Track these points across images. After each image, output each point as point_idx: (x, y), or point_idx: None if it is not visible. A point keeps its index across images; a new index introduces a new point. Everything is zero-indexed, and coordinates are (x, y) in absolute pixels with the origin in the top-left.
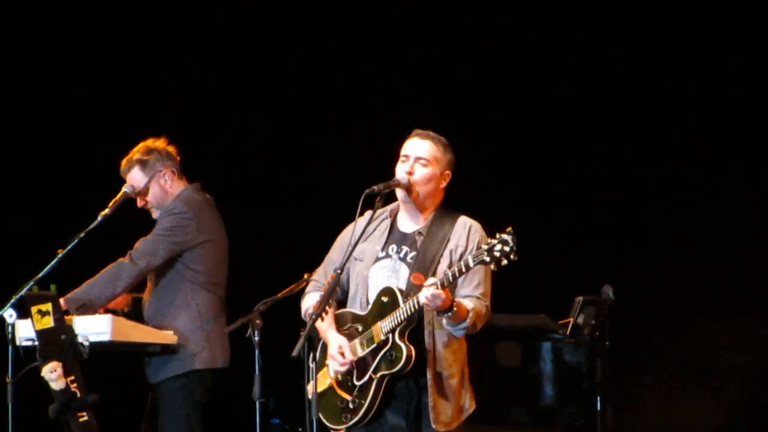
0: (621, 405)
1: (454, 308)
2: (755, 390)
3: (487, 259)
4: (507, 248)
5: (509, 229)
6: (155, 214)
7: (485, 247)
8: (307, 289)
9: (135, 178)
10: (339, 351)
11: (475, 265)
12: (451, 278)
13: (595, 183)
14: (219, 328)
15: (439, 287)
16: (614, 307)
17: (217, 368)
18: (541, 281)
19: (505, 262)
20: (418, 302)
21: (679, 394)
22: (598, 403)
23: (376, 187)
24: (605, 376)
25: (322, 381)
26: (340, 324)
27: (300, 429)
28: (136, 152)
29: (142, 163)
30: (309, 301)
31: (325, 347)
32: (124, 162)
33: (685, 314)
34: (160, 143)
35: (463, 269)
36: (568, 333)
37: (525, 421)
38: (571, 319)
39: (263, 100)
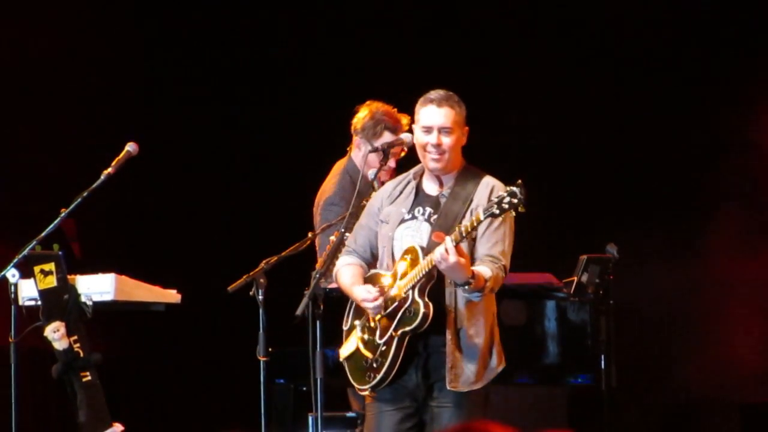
0: (625, 363)
1: (471, 281)
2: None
3: (497, 211)
4: (515, 200)
5: (519, 181)
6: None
7: (495, 199)
8: (340, 255)
9: (386, 138)
10: (368, 291)
11: (485, 218)
12: (463, 233)
13: (601, 140)
14: None
15: (452, 242)
16: (618, 265)
17: None
18: (546, 239)
19: (513, 214)
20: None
21: (684, 353)
22: (602, 362)
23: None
24: (609, 335)
25: (349, 344)
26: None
27: (304, 388)
28: (401, 117)
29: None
30: (339, 264)
31: (355, 310)
32: (389, 120)
33: (690, 275)
34: None
35: (474, 223)
36: (572, 292)
37: (529, 380)
38: (576, 278)
39: (273, 63)
